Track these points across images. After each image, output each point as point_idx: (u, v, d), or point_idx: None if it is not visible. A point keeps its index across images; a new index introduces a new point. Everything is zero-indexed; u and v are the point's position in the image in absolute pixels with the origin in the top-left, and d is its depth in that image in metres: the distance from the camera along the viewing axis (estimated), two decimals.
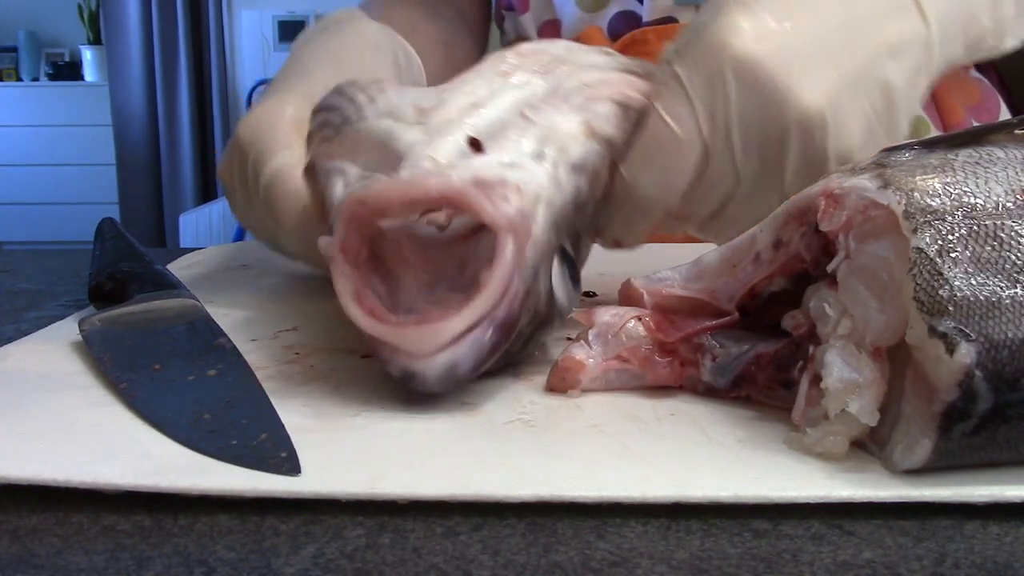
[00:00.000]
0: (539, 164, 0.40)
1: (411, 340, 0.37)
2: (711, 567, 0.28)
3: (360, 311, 0.38)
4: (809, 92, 0.41)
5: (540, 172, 0.40)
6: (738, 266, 0.42)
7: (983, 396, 0.31)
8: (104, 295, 0.52)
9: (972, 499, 0.31)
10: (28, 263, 0.77)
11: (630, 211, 0.46)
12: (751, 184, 0.44)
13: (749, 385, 0.40)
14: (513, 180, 0.39)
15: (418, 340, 0.37)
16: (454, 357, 0.37)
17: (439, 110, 0.41)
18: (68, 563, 0.29)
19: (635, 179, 0.45)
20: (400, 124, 0.40)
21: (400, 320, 0.38)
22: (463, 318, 0.36)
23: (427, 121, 0.40)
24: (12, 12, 4.56)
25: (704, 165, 0.44)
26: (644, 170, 0.44)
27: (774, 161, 0.43)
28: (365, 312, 0.38)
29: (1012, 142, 0.39)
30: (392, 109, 0.41)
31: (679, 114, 0.43)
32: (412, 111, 0.40)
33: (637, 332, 0.42)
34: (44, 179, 4.48)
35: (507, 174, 0.39)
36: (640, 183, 0.45)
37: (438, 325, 0.36)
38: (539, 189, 0.39)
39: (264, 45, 4.32)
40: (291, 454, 0.34)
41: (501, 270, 0.37)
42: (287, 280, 0.65)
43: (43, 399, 0.40)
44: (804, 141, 0.42)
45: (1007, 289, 0.32)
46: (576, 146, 0.42)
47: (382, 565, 0.28)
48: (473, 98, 0.41)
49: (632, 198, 0.45)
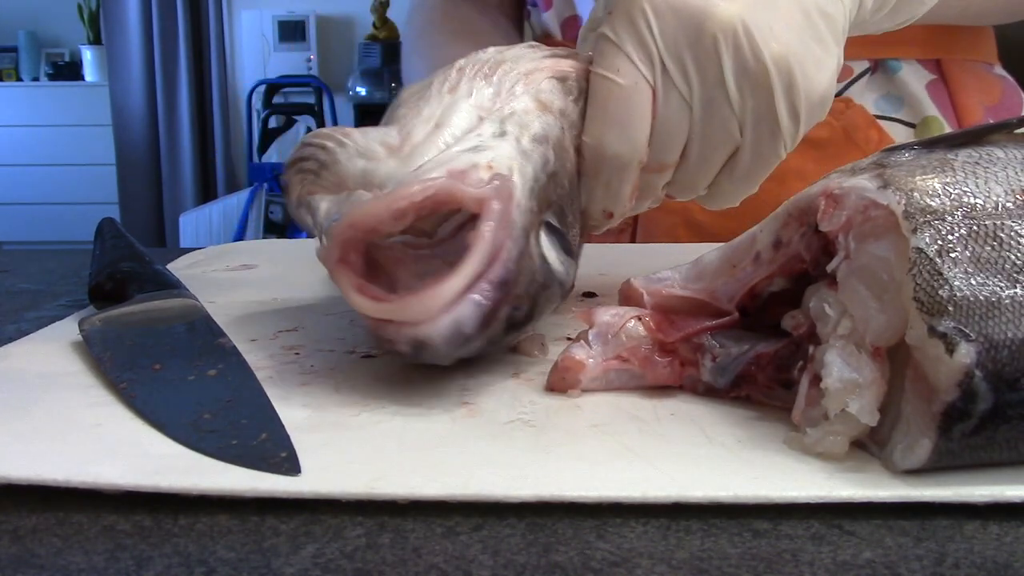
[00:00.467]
0: (503, 140, 0.42)
1: (413, 308, 0.38)
2: (711, 567, 0.28)
3: (363, 298, 0.39)
4: (723, 4, 0.43)
5: (505, 145, 0.42)
6: (738, 266, 0.42)
7: (983, 396, 0.31)
8: (104, 295, 0.52)
9: (972, 499, 0.31)
10: (28, 263, 0.77)
11: (607, 176, 0.47)
12: (702, 110, 0.45)
13: (749, 385, 0.40)
14: (483, 161, 0.40)
15: (419, 306, 0.38)
16: (458, 316, 0.38)
17: (406, 141, 0.43)
18: (68, 563, 0.29)
19: (599, 142, 0.46)
20: (374, 162, 0.42)
21: (400, 295, 0.39)
22: (459, 277, 0.38)
23: (399, 153, 0.43)
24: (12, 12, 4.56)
25: (655, 107, 0.46)
26: (605, 131, 0.46)
27: (714, 78, 0.44)
28: (368, 297, 0.39)
29: (1012, 142, 0.39)
30: (362, 150, 0.43)
31: (616, 65, 0.45)
32: (382, 149, 0.43)
33: (637, 332, 0.42)
34: (44, 179, 4.48)
35: (476, 158, 0.41)
36: (605, 143, 0.46)
37: (436, 288, 0.37)
38: (509, 160, 0.41)
39: (264, 45, 4.32)
40: (291, 454, 0.34)
41: (488, 228, 0.38)
42: (287, 280, 0.65)
43: (43, 399, 0.40)
44: (734, 49, 0.43)
45: (1007, 289, 0.32)
46: (533, 119, 0.44)
47: (382, 565, 0.28)
48: (433, 120, 0.43)
49: (603, 161, 0.47)
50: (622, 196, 0.48)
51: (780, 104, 0.44)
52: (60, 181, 4.48)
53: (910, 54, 0.84)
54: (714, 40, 0.43)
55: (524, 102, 0.44)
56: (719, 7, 0.43)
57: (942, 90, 0.85)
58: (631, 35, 0.44)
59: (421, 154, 0.42)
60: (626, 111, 0.45)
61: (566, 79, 0.46)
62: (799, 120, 0.45)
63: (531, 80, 0.46)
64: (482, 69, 0.46)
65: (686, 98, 0.45)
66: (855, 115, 0.82)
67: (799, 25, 0.45)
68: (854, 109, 0.82)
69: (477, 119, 0.44)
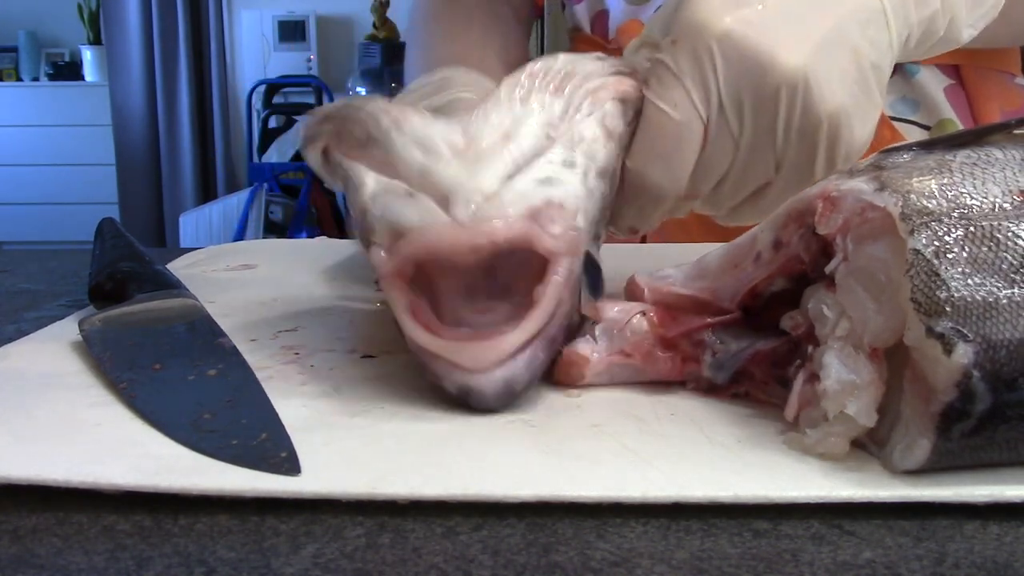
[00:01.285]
0: (572, 172, 0.41)
1: (469, 355, 0.38)
2: (711, 567, 0.28)
3: (416, 325, 0.39)
4: (788, 55, 0.43)
5: (575, 181, 0.41)
6: (739, 266, 0.42)
7: (981, 396, 0.31)
8: (104, 295, 0.52)
9: (972, 499, 0.32)
10: (28, 263, 0.77)
11: (643, 202, 0.47)
12: (747, 151, 0.46)
13: (747, 381, 0.40)
14: (556, 199, 0.40)
15: (476, 355, 0.38)
16: (511, 373, 0.38)
17: (473, 145, 0.41)
18: (68, 563, 0.29)
19: (643, 172, 0.46)
20: (435, 158, 0.40)
21: (456, 334, 0.38)
22: (520, 333, 0.38)
23: (464, 158, 0.41)
24: (12, 12, 4.56)
25: (704, 144, 0.46)
26: (650, 161, 0.46)
27: (766, 124, 0.45)
28: (421, 326, 0.39)
29: (1011, 142, 0.39)
30: (421, 140, 0.41)
31: (674, 99, 0.45)
32: (445, 147, 0.40)
33: (641, 327, 0.42)
34: (44, 179, 4.48)
35: (549, 193, 0.40)
36: (648, 174, 0.46)
37: (495, 341, 0.38)
38: (577, 200, 0.41)
39: (264, 45, 4.32)
40: (291, 454, 0.34)
41: (555, 288, 0.38)
42: (287, 280, 0.65)
43: (43, 399, 0.40)
44: (791, 100, 0.44)
45: (1004, 290, 0.32)
46: (600, 150, 0.43)
47: (382, 565, 0.28)
48: (501, 129, 0.42)
49: (642, 190, 0.47)
50: (652, 221, 0.48)
51: (821, 156, 0.45)
52: (60, 181, 4.48)
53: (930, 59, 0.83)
54: (776, 90, 0.43)
55: (592, 128, 0.43)
56: (785, 57, 0.43)
57: (960, 95, 0.84)
58: (693, 71, 0.44)
59: (488, 164, 0.40)
60: (675, 146, 0.45)
61: (626, 101, 0.46)
62: (835, 169, 0.45)
63: (597, 99, 0.45)
64: (553, 80, 0.44)
65: (735, 138, 0.45)
66: None
67: (852, 78, 0.45)
68: None
69: (546, 137, 0.42)
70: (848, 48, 0.45)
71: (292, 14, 4.27)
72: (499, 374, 0.38)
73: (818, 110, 0.44)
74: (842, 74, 0.44)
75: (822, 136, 0.44)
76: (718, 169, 0.46)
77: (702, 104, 0.44)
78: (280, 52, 4.29)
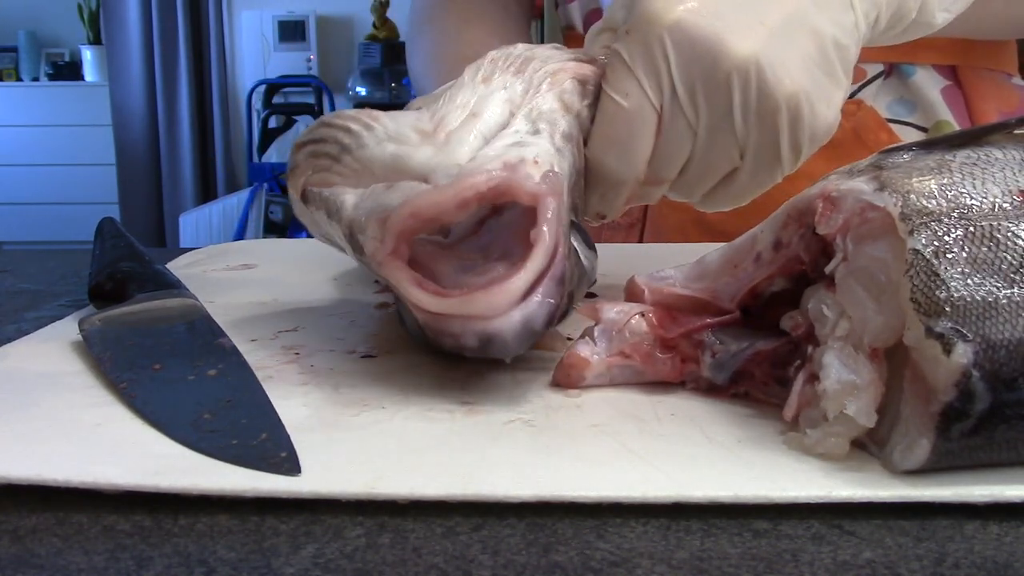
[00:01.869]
0: (540, 137, 0.43)
1: (483, 303, 0.38)
2: (711, 567, 0.28)
3: (424, 293, 0.39)
4: (739, 41, 0.44)
5: (543, 142, 0.42)
6: (739, 266, 0.42)
7: (980, 396, 0.31)
8: (104, 295, 0.52)
9: (972, 499, 0.32)
10: (28, 263, 0.77)
11: (603, 188, 0.48)
12: (707, 136, 0.46)
13: (747, 381, 0.40)
14: (530, 156, 0.41)
15: (490, 301, 0.38)
16: (527, 313, 0.38)
17: (440, 128, 0.43)
18: (68, 563, 0.29)
19: (600, 159, 0.47)
20: (407, 147, 0.42)
21: (464, 290, 0.39)
22: (527, 272, 0.38)
23: (433, 140, 0.42)
24: (12, 12, 4.56)
25: (660, 132, 0.46)
26: (606, 150, 0.47)
27: (723, 111, 0.45)
28: (430, 292, 0.39)
29: (1011, 142, 0.39)
30: (393, 134, 0.42)
31: (626, 89, 0.46)
32: (414, 134, 0.42)
33: (640, 328, 0.42)
34: (44, 179, 4.48)
35: (523, 152, 0.41)
36: (605, 162, 0.47)
37: (505, 283, 0.38)
38: (550, 157, 0.42)
39: (264, 45, 4.32)
40: (291, 454, 0.34)
41: (550, 226, 0.39)
42: (287, 280, 0.65)
43: (43, 399, 0.40)
44: (744, 85, 0.44)
45: (1003, 289, 0.32)
46: (560, 118, 0.45)
47: (382, 565, 0.28)
48: (467, 109, 0.43)
49: (600, 175, 0.47)
50: (615, 206, 0.49)
51: (784, 139, 0.45)
52: (60, 181, 4.48)
53: (926, 60, 0.83)
54: (727, 76, 0.44)
55: (550, 101, 0.45)
56: (735, 45, 0.43)
57: (958, 96, 0.84)
58: (645, 61, 0.45)
59: (458, 142, 0.42)
60: (628, 134, 0.46)
61: (585, 83, 0.47)
62: (800, 153, 0.46)
63: (556, 80, 0.46)
64: (514, 63, 0.46)
65: (692, 124, 0.46)
66: (866, 117, 0.82)
67: (813, 60, 0.45)
68: (865, 111, 0.82)
69: (509, 113, 0.44)
70: (807, 30, 0.45)
71: (292, 14, 4.27)
72: (517, 315, 0.38)
73: (775, 94, 0.44)
74: (801, 57, 0.45)
75: (782, 119, 0.44)
76: (679, 155, 0.47)
77: (654, 93, 0.45)
78: (280, 52, 4.29)
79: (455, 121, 0.43)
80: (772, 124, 0.44)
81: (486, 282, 0.39)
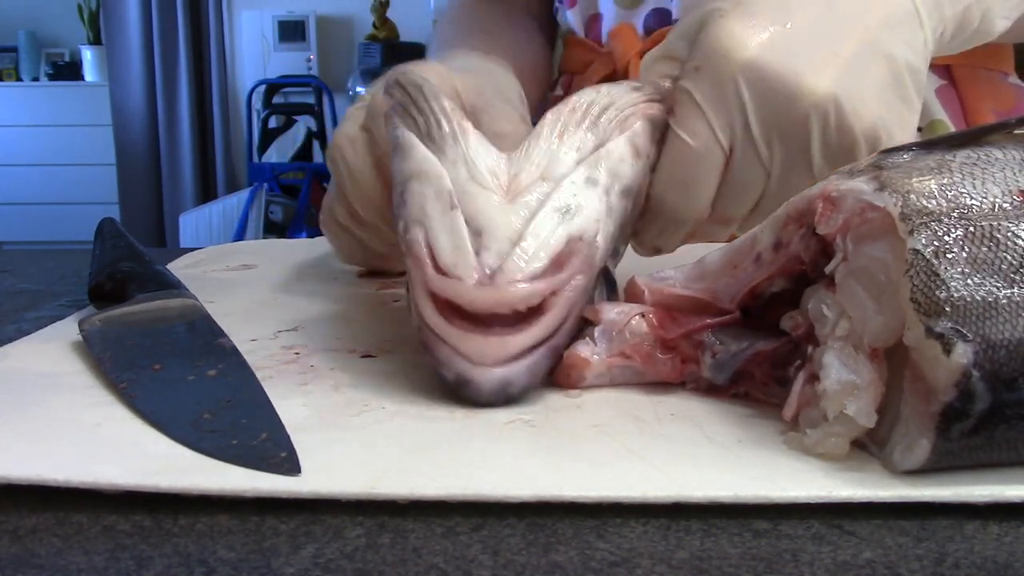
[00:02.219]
0: (592, 191, 0.42)
1: (474, 347, 0.39)
2: (711, 567, 0.28)
3: (432, 306, 0.40)
4: (816, 79, 0.43)
5: (594, 201, 0.42)
6: (739, 267, 0.42)
7: (980, 396, 0.31)
8: (104, 295, 0.52)
9: (972, 499, 0.32)
10: (28, 263, 0.77)
11: (662, 224, 0.48)
12: (780, 175, 0.45)
13: (747, 381, 0.40)
14: (575, 232, 0.41)
15: (481, 349, 0.38)
16: (510, 374, 0.39)
17: (513, 183, 0.42)
18: (68, 563, 0.29)
19: (662, 196, 0.46)
20: (476, 187, 0.42)
21: (465, 324, 0.39)
22: (526, 336, 0.39)
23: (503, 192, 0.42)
24: (12, 12, 4.56)
25: (727, 172, 0.45)
26: (669, 187, 0.46)
27: (799, 149, 0.44)
28: (436, 308, 0.39)
29: (1011, 142, 0.39)
30: (470, 163, 0.42)
31: (694, 128, 0.45)
32: (490, 178, 0.42)
33: (640, 329, 0.42)
34: (44, 179, 4.48)
35: (569, 230, 0.40)
36: (667, 199, 0.46)
37: (502, 338, 0.38)
38: (596, 224, 0.41)
39: (264, 45, 4.32)
40: (291, 454, 0.34)
41: (566, 300, 0.40)
42: (287, 280, 0.65)
43: (43, 399, 0.40)
44: (823, 124, 0.43)
45: (1003, 289, 0.32)
46: (627, 169, 0.44)
47: (382, 565, 0.28)
48: (539, 170, 0.42)
49: (662, 213, 0.47)
50: (672, 242, 0.49)
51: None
52: (60, 181, 4.48)
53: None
54: (805, 116, 0.43)
55: (621, 146, 0.44)
56: (813, 83, 0.42)
57: (952, 95, 0.84)
58: (715, 100, 0.44)
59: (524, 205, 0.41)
60: (693, 174, 0.45)
61: (655, 123, 0.46)
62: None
63: (627, 124, 0.45)
64: (591, 111, 0.45)
65: (766, 164, 0.45)
66: None
67: (888, 86, 0.44)
68: None
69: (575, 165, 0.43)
70: (881, 56, 0.44)
71: (292, 14, 4.27)
72: (498, 372, 0.38)
73: (853, 129, 0.43)
74: (877, 86, 0.44)
75: (860, 152, 0.43)
76: (750, 195, 0.46)
77: (723, 133, 0.44)
78: (280, 52, 4.29)
79: (525, 181, 0.42)
80: (850, 159, 0.43)
81: (485, 328, 0.39)
